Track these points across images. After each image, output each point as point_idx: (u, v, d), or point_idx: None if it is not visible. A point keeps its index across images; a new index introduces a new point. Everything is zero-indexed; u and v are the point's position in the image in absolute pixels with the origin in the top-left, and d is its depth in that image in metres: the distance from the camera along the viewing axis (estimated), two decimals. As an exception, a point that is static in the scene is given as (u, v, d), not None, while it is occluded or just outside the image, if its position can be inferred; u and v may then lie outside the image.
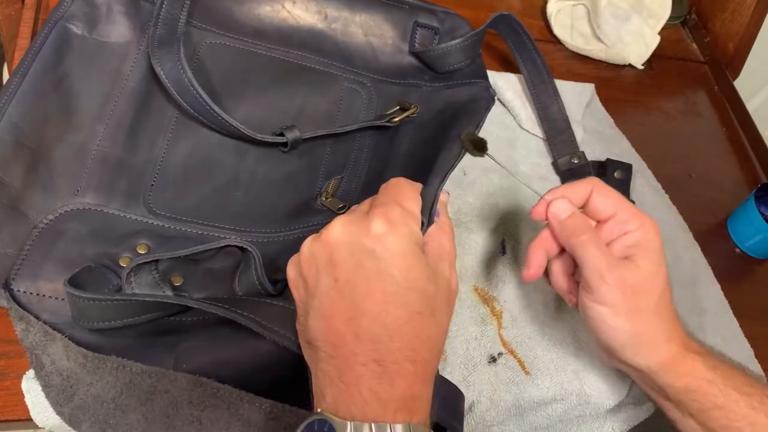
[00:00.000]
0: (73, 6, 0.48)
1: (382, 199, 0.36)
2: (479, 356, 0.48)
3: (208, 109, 0.47)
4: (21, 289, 0.40)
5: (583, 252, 0.41)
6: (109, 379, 0.38)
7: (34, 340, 0.39)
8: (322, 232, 0.35)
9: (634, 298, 0.41)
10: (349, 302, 0.32)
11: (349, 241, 0.34)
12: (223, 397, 0.38)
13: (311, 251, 0.35)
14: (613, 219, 0.43)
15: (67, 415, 0.38)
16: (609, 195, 0.43)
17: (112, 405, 0.38)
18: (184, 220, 0.46)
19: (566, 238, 0.43)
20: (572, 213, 0.43)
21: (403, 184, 0.38)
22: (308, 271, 0.35)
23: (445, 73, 0.58)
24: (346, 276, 0.33)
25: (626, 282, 0.40)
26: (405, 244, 0.34)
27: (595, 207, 0.44)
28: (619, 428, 0.49)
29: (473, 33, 0.57)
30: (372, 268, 0.33)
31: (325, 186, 0.51)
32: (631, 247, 0.42)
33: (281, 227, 0.48)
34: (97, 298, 0.38)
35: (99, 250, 0.42)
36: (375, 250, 0.33)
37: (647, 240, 0.42)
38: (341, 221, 0.35)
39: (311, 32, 0.56)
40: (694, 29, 0.86)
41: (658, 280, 0.42)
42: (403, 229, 0.34)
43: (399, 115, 0.54)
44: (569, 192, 0.44)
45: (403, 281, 0.33)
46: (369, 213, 0.35)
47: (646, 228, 0.42)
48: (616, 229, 0.43)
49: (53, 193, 0.43)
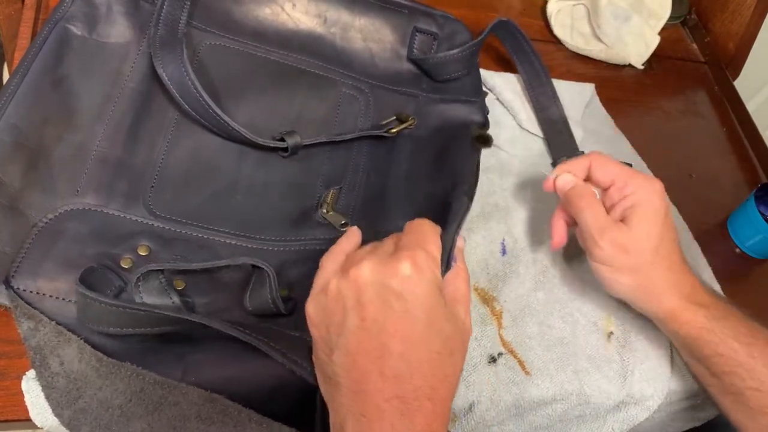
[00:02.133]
0: (72, 6, 0.48)
1: (407, 241, 0.38)
2: (479, 356, 0.48)
3: (210, 111, 0.47)
4: (21, 288, 0.40)
5: (580, 219, 0.47)
6: (120, 385, 0.38)
7: (42, 340, 0.38)
8: (350, 272, 0.36)
9: (626, 256, 0.46)
10: (376, 341, 0.34)
11: (377, 282, 0.35)
12: (232, 415, 0.38)
13: (338, 290, 0.36)
14: (613, 186, 0.48)
15: (67, 418, 0.38)
16: (605, 165, 0.49)
17: (118, 411, 0.38)
18: (184, 222, 0.45)
19: (570, 208, 0.49)
20: (574, 184, 0.49)
21: (427, 228, 0.40)
22: (334, 309, 0.36)
23: (442, 81, 0.59)
24: (373, 316, 0.34)
25: (617, 242, 0.46)
26: (429, 287, 0.36)
27: (596, 178, 0.49)
28: (619, 428, 0.50)
29: (471, 43, 0.58)
30: (399, 309, 0.34)
31: (324, 196, 0.51)
32: (627, 209, 0.47)
33: (282, 235, 0.48)
34: (116, 304, 0.38)
35: (99, 250, 0.42)
36: (402, 292, 0.35)
37: (642, 200, 0.46)
38: (370, 263, 0.36)
39: (310, 36, 0.56)
40: (694, 29, 0.86)
41: (652, 236, 0.46)
42: (428, 274, 0.36)
43: (397, 126, 0.55)
44: (572, 167, 0.50)
45: (426, 322, 0.35)
46: (396, 255, 0.36)
47: (642, 189, 0.47)
48: (616, 195, 0.48)
49: (53, 193, 0.43)
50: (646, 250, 0.46)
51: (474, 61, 0.60)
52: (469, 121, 0.58)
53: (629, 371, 0.50)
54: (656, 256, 0.46)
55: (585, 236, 0.47)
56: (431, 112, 0.58)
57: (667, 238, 0.47)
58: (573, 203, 0.48)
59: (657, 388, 0.50)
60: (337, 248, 0.41)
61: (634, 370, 0.50)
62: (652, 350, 0.52)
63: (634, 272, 0.46)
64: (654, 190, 0.47)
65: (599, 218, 0.46)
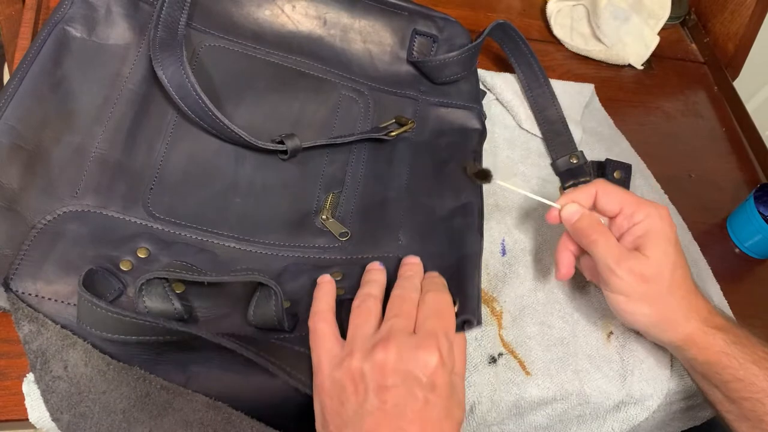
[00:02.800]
0: (71, 8, 0.48)
1: (432, 325, 0.39)
2: (479, 356, 0.49)
3: (209, 113, 0.47)
4: (20, 290, 0.40)
5: (593, 250, 0.46)
6: (126, 390, 0.38)
7: (45, 344, 0.38)
8: (376, 354, 0.37)
9: (645, 285, 0.45)
10: (394, 425, 0.35)
11: (403, 370, 0.37)
12: (235, 423, 0.38)
13: (361, 370, 0.37)
14: (621, 214, 0.47)
15: (66, 422, 0.37)
16: (612, 193, 0.48)
17: (120, 416, 0.37)
18: (183, 224, 0.45)
19: (579, 240, 0.48)
20: (582, 215, 0.47)
21: (449, 309, 0.42)
22: (355, 388, 0.37)
23: (441, 83, 0.59)
24: (395, 401, 0.36)
25: (635, 272, 0.44)
26: (448, 377, 0.38)
27: (602, 206, 0.48)
28: (619, 428, 0.50)
29: (470, 46, 0.58)
30: (421, 398, 0.36)
31: (323, 200, 0.51)
32: (639, 237, 0.46)
33: (282, 240, 0.48)
34: (119, 313, 0.37)
35: (99, 252, 0.42)
36: (427, 383, 0.37)
37: (653, 227, 0.46)
38: (396, 347, 0.37)
39: (310, 38, 0.56)
40: (694, 29, 0.86)
41: (668, 263, 0.45)
42: (449, 365, 0.38)
43: (396, 129, 0.55)
44: (577, 196, 0.48)
45: (443, 410, 0.37)
46: (422, 342, 0.38)
47: (651, 216, 0.46)
48: (625, 223, 0.47)
49: (51, 195, 0.43)
50: (664, 277, 0.45)
51: (473, 63, 0.60)
52: (468, 128, 0.58)
53: (629, 371, 0.50)
54: (673, 282, 0.45)
55: (600, 267, 0.46)
56: (430, 116, 0.58)
57: (680, 263, 0.46)
58: (584, 235, 0.46)
59: (656, 388, 0.50)
60: (321, 305, 0.42)
61: (633, 370, 0.50)
62: (652, 350, 0.52)
63: (653, 301, 0.45)
64: (662, 216, 0.46)
65: (614, 248, 0.45)
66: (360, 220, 0.51)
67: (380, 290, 0.44)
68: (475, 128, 0.58)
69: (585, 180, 0.61)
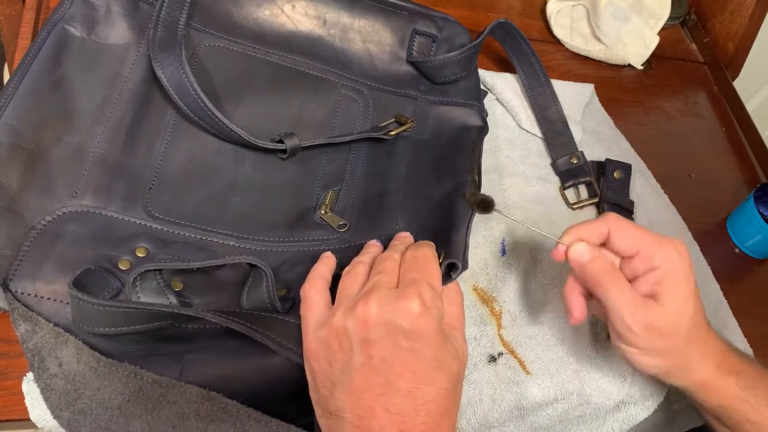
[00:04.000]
0: (71, 8, 0.48)
1: (413, 276, 0.38)
2: (479, 356, 0.49)
3: (209, 113, 0.47)
4: (19, 291, 0.40)
5: (605, 298, 0.41)
6: (118, 385, 0.38)
7: (40, 342, 0.38)
8: (357, 309, 0.36)
9: (662, 339, 0.41)
10: (383, 379, 0.34)
11: (386, 320, 0.35)
12: (231, 412, 0.38)
13: (344, 327, 0.36)
14: (637, 256, 0.42)
15: (66, 419, 0.38)
16: (628, 232, 0.42)
17: (117, 412, 0.38)
18: (183, 224, 0.45)
19: (588, 284, 0.42)
20: (592, 257, 0.42)
21: (431, 260, 0.40)
22: (340, 346, 0.36)
23: (441, 83, 0.59)
24: (381, 354, 0.35)
25: (652, 325, 0.40)
26: (436, 325, 0.36)
27: (616, 247, 0.43)
28: (619, 428, 0.49)
29: (470, 46, 0.58)
30: (407, 347, 0.35)
31: (322, 197, 0.51)
32: (657, 283, 0.41)
33: (281, 237, 0.48)
34: (107, 305, 0.38)
35: (98, 252, 0.42)
36: (411, 331, 0.35)
37: (673, 272, 0.41)
38: (377, 300, 0.36)
39: (309, 37, 0.56)
40: (694, 29, 0.86)
41: (687, 313, 0.41)
42: (435, 312, 0.36)
43: (396, 128, 0.55)
44: (585, 233, 0.43)
45: (433, 361, 0.35)
46: (403, 292, 0.36)
47: (671, 259, 0.41)
48: (641, 267, 0.42)
49: (51, 195, 0.43)
50: (683, 329, 0.41)
51: (473, 63, 0.60)
52: (468, 125, 0.58)
53: (629, 371, 0.50)
54: (691, 329, 0.41)
55: (612, 318, 0.41)
56: (430, 115, 0.58)
57: (699, 307, 0.42)
58: (595, 281, 0.41)
59: (656, 388, 0.50)
60: (316, 273, 0.41)
61: (633, 370, 0.50)
62: (652, 350, 0.52)
63: (668, 353, 0.42)
64: (682, 257, 0.41)
65: (629, 299, 0.40)
66: (359, 212, 0.51)
67: (371, 259, 0.42)
68: (475, 125, 0.58)
69: (585, 180, 0.61)
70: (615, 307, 0.40)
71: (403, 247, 0.42)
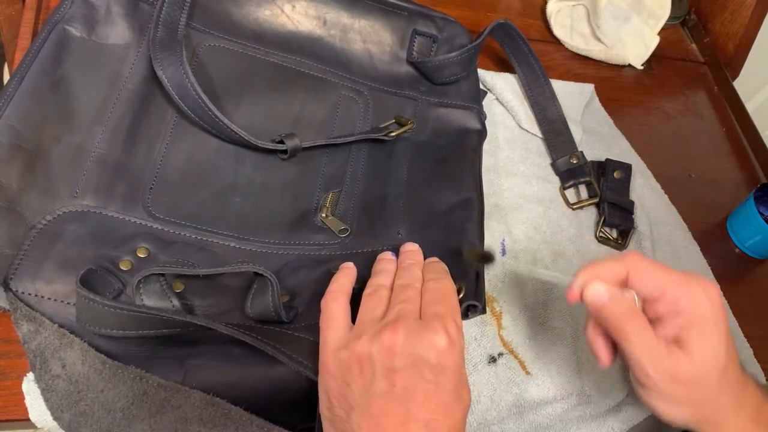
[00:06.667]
0: (71, 8, 0.48)
1: (438, 309, 0.38)
2: (479, 356, 0.49)
3: (209, 113, 0.47)
4: (20, 290, 0.40)
5: (625, 346, 0.38)
6: (123, 388, 0.38)
7: (43, 343, 0.38)
8: (384, 336, 0.36)
9: (688, 391, 0.38)
10: (404, 408, 0.34)
11: (412, 352, 0.35)
12: (234, 418, 0.38)
13: (369, 353, 0.36)
14: (661, 299, 0.38)
15: (67, 420, 0.37)
16: (650, 273, 0.39)
17: (120, 414, 0.37)
18: (183, 224, 0.45)
19: (608, 328, 0.39)
20: (610, 298, 0.38)
21: (453, 294, 0.40)
22: (361, 370, 0.36)
23: (441, 84, 0.59)
24: (404, 383, 0.35)
25: (677, 377, 0.37)
26: (459, 360, 0.37)
27: (638, 289, 0.39)
28: (619, 428, 0.49)
29: (470, 46, 0.58)
30: (431, 380, 0.35)
31: (323, 199, 0.51)
32: (683, 329, 0.37)
33: (282, 239, 0.48)
34: (119, 307, 0.37)
35: (98, 252, 0.42)
36: (437, 365, 0.35)
37: (702, 317, 0.37)
38: (404, 330, 0.36)
39: (310, 38, 0.56)
40: (694, 29, 0.86)
41: (717, 363, 0.37)
42: (458, 347, 0.37)
43: (396, 129, 0.55)
44: (604, 272, 0.40)
45: (454, 394, 0.36)
46: (430, 326, 0.37)
47: (699, 302, 0.37)
48: (665, 309, 0.38)
49: (51, 195, 0.43)
50: (712, 380, 0.37)
51: (473, 63, 0.60)
52: (468, 128, 0.58)
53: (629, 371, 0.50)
54: (721, 383, 0.38)
55: (632, 365, 0.38)
56: (430, 116, 0.58)
57: (732, 356, 0.38)
58: (613, 326, 0.38)
59: (657, 388, 0.50)
60: (338, 286, 0.41)
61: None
62: (652, 350, 0.52)
63: (696, 404, 0.38)
64: (713, 300, 0.37)
65: (650, 345, 0.37)
66: (360, 216, 0.51)
67: (391, 280, 0.42)
68: (474, 128, 0.59)
69: (585, 180, 0.61)
70: (635, 355, 0.37)
71: (418, 270, 0.43)
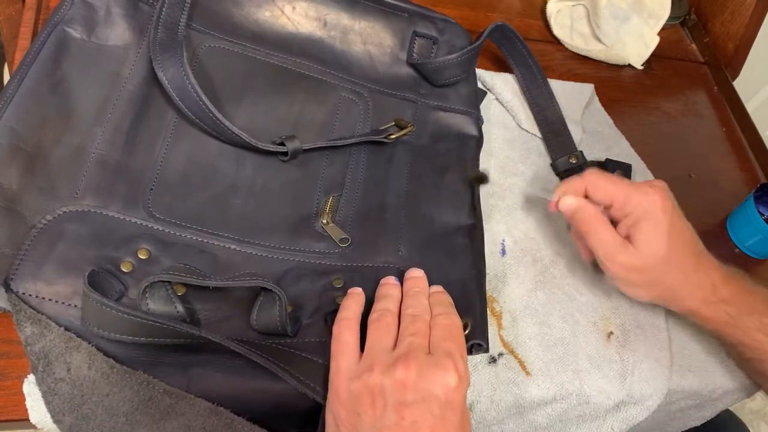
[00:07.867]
0: (71, 9, 0.48)
1: (448, 346, 0.40)
2: (479, 356, 0.49)
3: (209, 114, 0.46)
4: (21, 291, 0.39)
5: (590, 243, 0.48)
6: (128, 393, 0.38)
7: (48, 346, 0.38)
8: (396, 371, 0.37)
9: (640, 276, 0.48)
10: None
11: (423, 388, 0.37)
12: (236, 428, 0.38)
13: (381, 386, 0.37)
14: (613, 207, 0.48)
15: (68, 424, 0.37)
16: (601, 187, 0.48)
17: (123, 419, 0.37)
18: (184, 225, 0.45)
19: (578, 230, 0.50)
20: (577, 207, 0.48)
21: (461, 331, 0.43)
22: (372, 402, 0.37)
23: (441, 86, 0.59)
24: (413, 417, 0.36)
25: (626, 265, 0.47)
26: (465, 396, 0.39)
27: (594, 199, 0.49)
28: (619, 428, 0.50)
29: (469, 48, 0.58)
30: (439, 415, 0.37)
31: (323, 203, 0.50)
32: (631, 227, 0.47)
33: (283, 243, 0.48)
34: (127, 312, 0.37)
35: (99, 253, 0.42)
36: (446, 402, 0.37)
37: (643, 216, 0.47)
38: (416, 366, 0.38)
39: (310, 39, 0.56)
40: (694, 29, 0.86)
41: (658, 251, 0.46)
42: (466, 384, 0.39)
43: (396, 132, 0.55)
44: (570, 187, 0.49)
45: (459, 428, 0.37)
46: (440, 362, 0.38)
47: (641, 205, 0.47)
48: (617, 214, 0.48)
49: (51, 195, 0.43)
50: (657, 265, 0.47)
51: (472, 64, 0.60)
52: (466, 134, 0.59)
53: (629, 371, 0.50)
54: (668, 267, 0.47)
55: (597, 258, 0.49)
56: (429, 120, 0.58)
57: (677, 245, 0.47)
58: (581, 228, 0.48)
59: (656, 388, 0.50)
60: (350, 314, 0.42)
61: (633, 370, 0.50)
62: (652, 350, 0.52)
63: (650, 285, 0.48)
64: (652, 202, 0.47)
65: (605, 243, 0.47)
66: (360, 225, 0.51)
67: (396, 306, 0.44)
68: (472, 135, 0.59)
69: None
70: (595, 249, 0.48)
71: (425, 299, 0.44)
